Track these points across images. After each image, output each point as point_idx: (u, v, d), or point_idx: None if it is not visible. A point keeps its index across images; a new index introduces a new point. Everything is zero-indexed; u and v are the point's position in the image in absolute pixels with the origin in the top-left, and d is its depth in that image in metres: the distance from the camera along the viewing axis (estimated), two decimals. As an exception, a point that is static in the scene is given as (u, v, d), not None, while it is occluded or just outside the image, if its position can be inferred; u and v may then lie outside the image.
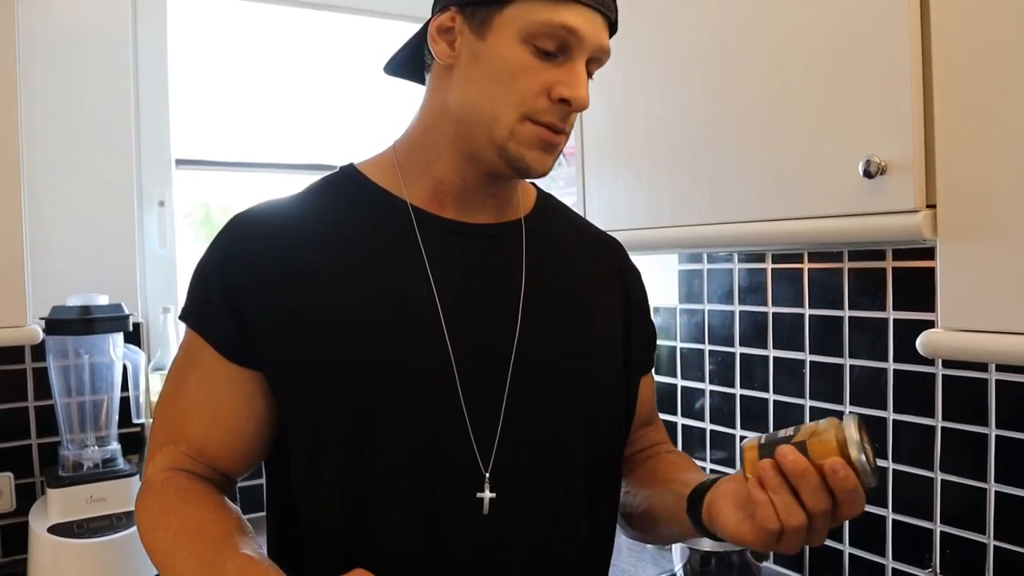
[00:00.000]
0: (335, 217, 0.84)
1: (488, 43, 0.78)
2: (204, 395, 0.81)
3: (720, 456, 1.68)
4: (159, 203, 1.77)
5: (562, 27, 0.76)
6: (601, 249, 0.98)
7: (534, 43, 0.76)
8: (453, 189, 0.85)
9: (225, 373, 0.80)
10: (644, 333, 0.98)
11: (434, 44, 0.82)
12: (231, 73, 1.94)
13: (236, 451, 0.82)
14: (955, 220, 0.89)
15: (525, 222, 0.90)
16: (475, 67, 0.79)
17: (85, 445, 1.49)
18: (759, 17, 1.10)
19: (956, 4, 0.87)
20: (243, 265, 0.80)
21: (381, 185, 0.86)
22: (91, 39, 1.65)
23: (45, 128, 1.60)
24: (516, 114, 0.78)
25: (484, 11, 0.78)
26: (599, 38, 0.79)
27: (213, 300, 0.80)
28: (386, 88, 2.06)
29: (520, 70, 0.77)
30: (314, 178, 0.91)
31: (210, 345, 0.80)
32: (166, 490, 0.79)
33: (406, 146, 0.88)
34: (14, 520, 1.55)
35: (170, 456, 0.82)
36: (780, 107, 1.08)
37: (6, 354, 1.55)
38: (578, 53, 0.78)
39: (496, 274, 0.85)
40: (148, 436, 0.87)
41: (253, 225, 0.83)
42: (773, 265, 1.54)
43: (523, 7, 0.76)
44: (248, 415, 0.81)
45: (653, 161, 1.29)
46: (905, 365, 1.31)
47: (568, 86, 0.77)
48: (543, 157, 0.80)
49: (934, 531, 1.27)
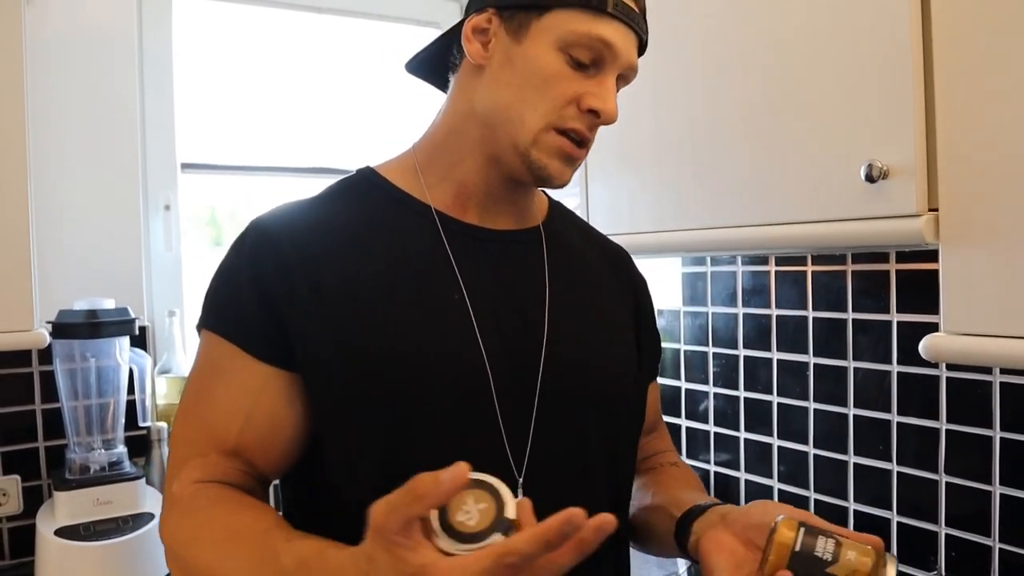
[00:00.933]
0: (361, 222, 0.83)
1: (524, 47, 0.79)
2: (236, 401, 0.78)
3: (724, 458, 1.68)
4: (165, 207, 1.78)
5: (599, 39, 0.77)
6: (611, 257, 0.99)
7: (569, 52, 0.78)
8: (476, 193, 0.85)
9: (260, 375, 0.78)
10: (651, 341, 0.99)
11: (468, 43, 0.82)
12: (235, 77, 1.94)
13: (273, 452, 0.80)
14: (957, 224, 0.89)
15: (544, 229, 0.91)
16: (507, 69, 0.80)
17: (92, 448, 1.50)
18: (761, 21, 1.10)
19: (957, 10, 0.87)
20: (278, 271, 0.78)
21: (403, 188, 0.86)
22: (97, 44, 1.66)
23: (52, 132, 1.61)
24: (543, 121, 0.79)
25: (523, 15, 0.79)
26: (631, 56, 0.80)
27: (246, 305, 0.78)
28: (391, 91, 2.07)
29: (553, 77, 0.78)
30: (318, 181, 0.91)
31: (242, 349, 0.78)
32: (197, 502, 0.76)
33: (428, 148, 0.87)
34: (21, 522, 1.55)
35: (199, 469, 0.78)
36: (782, 112, 1.08)
37: (13, 358, 1.55)
38: (611, 67, 0.79)
39: (522, 280, 0.85)
40: (168, 452, 0.83)
41: (282, 230, 0.81)
42: (777, 267, 1.54)
43: (563, 16, 0.78)
44: (285, 415, 0.79)
45: (656, 165, 1.30)
46: (909, 367, 1.31)
47: (598, 97, 0.79)
48: (563, 168, 0.82)
49: (939, 533, 1.27)
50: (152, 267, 1.77)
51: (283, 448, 0.80)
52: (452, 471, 0.56)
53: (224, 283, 0.82)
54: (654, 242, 1.30)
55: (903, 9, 0.92)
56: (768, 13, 1.09)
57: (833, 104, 1.01)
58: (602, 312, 0.91)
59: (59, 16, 1.62)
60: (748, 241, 1.14)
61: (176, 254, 1.80)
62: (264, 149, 1.97)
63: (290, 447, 0.81)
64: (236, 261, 0.81)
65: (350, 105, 2.07)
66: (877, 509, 1.36)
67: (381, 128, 2.09)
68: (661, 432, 1.06)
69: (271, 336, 0.77)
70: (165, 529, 0.77)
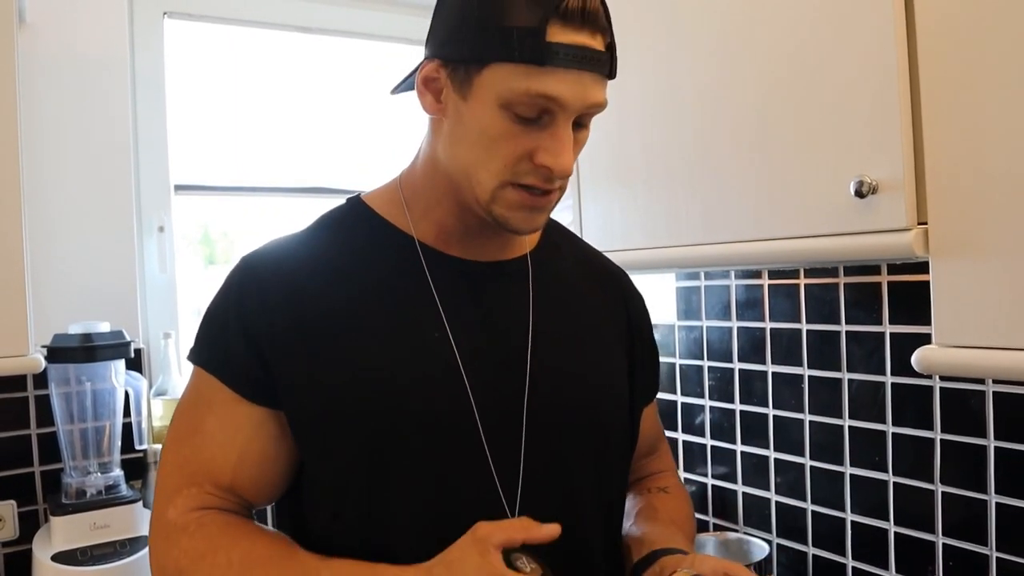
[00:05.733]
0: (347, 256, 0.83)
1: (469, 104, 0.75)
2: (227, 436, 0.80)
3: (721, 471, 1.68)
4: (159, 228, 1.78)
5: (540, 96, 0.71)
6: (605, 279, 0.98)
7: (512, 109, 0.73)
8: (456, 232, 0.85)
9: (246, 414, 0.79)
10: (647, 362, 0.98)
11: (421, 96, 0.80)
12: (227, 98, 1.95)
13: (265, 487, 0.82)
14: (947, 237, 0.90)
15: (531, 258, 0.90)
16: (459, 126, 0.77)
17: (88, 472, 1.50)
18: (751, 38, 1.11)
19: (942, 25, 0.88)
20: (262, 312, 0.79)
21: (389, 220, 0.86)
22: (90, 66, 1.67)
23: (45, 155, 1.61)
24: (496, 180, 0.76)
25: (464, 70, 0.74)
26: (585, 98, 0.74)
27: (232, 344, 0.79)
28: (381, 110, 2.08)
29: (500, 136, 0.74)
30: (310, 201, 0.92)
31: (228, 387, 0.79)
32: (206, 529, 0.77)
33: (410, 185, 0.87)
34: (17, 548, 1.54)
35: (195, 498, 0.79)
36: (772, 128, 1.09)
37: (8, 382, 1.55)
38: (561, 117, 0.74)
39: (505, 311, 0.85)
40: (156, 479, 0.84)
41: (269, 269, 0.82)
42: (770, 281, 1.55)
43: (499, 72, 0.72)
44: (275, 454, 0.80)
45: (647, 181, 1.31)
46: (903, 378, 1.32)
47: (550, 152, 0.74)
48: (529, 217, 0.79)
49: (936, 543, 1.28)
50: (146, 289, 1.77)
51: (273, 482, 0.82)
52: (553, 527, 0.72)
53: (212, 320, 0.83)
54: (647, 258, 1.30)
55: (889, 27, 0.93)
56: (759, 31, 1.10)
57: (822, 121, 1.02)
58: (591, 339, 0.90)
59: (52, 39, 1.63)
60: (740, 256, 1.15)
61: (170, 276, 1.80)
62: (256, 169, 1.97)
63: (279, 481, 0.82)
64: (224, 300, 0.83)
65: (341, 125, 2.07)
66: (874, 520, 1.36)
67: (372, 147, 2.09)
68: (661, 453, 1.06)
69: (258, 376, 0.78)
70: (170, 553, 0.77)
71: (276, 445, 0.80)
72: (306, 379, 0.77)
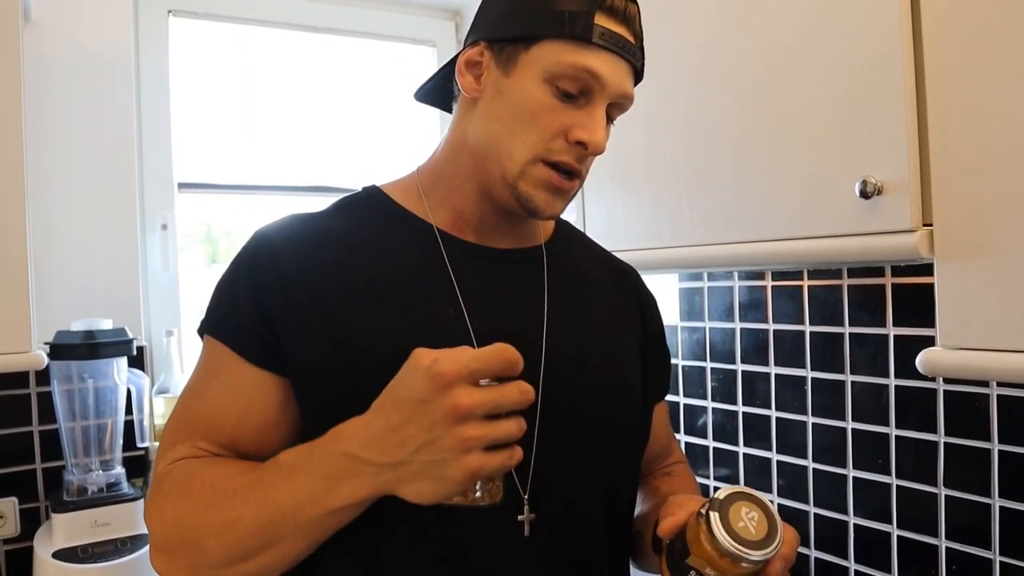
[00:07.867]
0: (364, 237, 0.84)
1: (512, 80, 0.80)
2: (229, 397, 0.79)
3: (723, 473, 1.67)
4: (162, 226, 1.78)
5: (585, 70, 0.77)
6: (619, 276, 0.99)
7: (556, 84, 0.78)
8: (473, 219, 0.87)
9: (251, 376, 0.79)
10: (659, 359, 0.99)
11: (461, 77, 0.84)
12: (232, 96, 1.95)
13: (265, 451, 0.79)
14: (952, 239, 0.89)
15: (546, 248, 0.91)
16: (497, 102, 0.81)
17: (89, 469, 1.50)
18: (754, 39, 1.11)
19: (948, 25, 0.88)
20: (275, 282, 0.79)
21: (406, 207, 0.87)
22: (94, 64, 1.67)
23: (49, 153, 1.62)
24: (530, 154, 0.79)
25: (511, 48, 0.80)
26: (622, 84, 0.80)
27: (243, 313, 0.79)
28: (387, 110, 2.08)
29: (540, 109, 0.79)
30: (315, 200, 0.92)
31: (237, 353, 0.79)
32: (186, 466, 0.77)
33: (430, 173, 0.89)
34: (19, 545, 1.55)
35: (185, 450, 0.79)
36: (776, 129, 1.09)
37: (10, 379, 1.55)
38: (599, 97, 0.79)
39: (520, 297, 0.86)
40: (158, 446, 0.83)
41: (283, 241, 0.82)
42: (773, 282, 1.54)
43: (549, 47, 0.78)
44: (278, 419, 0.80)
45: (651, 182, 1.30)
46: (906, 381, 1.31)
47: (586, 129, 0.79)
48: (552, 200, 0.82)
49: (939, 547, 1.27)
50: (149, 287, 1.77)
51: (273, 448, 0.80)
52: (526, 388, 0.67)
53: (224, 292, 0.83)
54: (650, 259, 1.30)
55: (894, 26, 0.93)
56: (761, 31, 1.10)
57: (827, 121, 1.02)
58: (604, 330, 0.91)
59: (56, 37, 1.63)
60: (744, 257, 1.15)
61: (173, 274, 1.80)
62: (261, 168, 1.98)
63: (280, 448, 0.80)
64: (236, 271, 0.83)
65: (346, 124, 2.08)
66: (877, 523, 1.36)
67: (378, 146, 2.09)
68: (673, 451, 1.07)
69: (266, 341, 0.78)
70: (154, 501, 0.76)
71: (280, 411, 0.79)
72: (317, 348, 0.77)
